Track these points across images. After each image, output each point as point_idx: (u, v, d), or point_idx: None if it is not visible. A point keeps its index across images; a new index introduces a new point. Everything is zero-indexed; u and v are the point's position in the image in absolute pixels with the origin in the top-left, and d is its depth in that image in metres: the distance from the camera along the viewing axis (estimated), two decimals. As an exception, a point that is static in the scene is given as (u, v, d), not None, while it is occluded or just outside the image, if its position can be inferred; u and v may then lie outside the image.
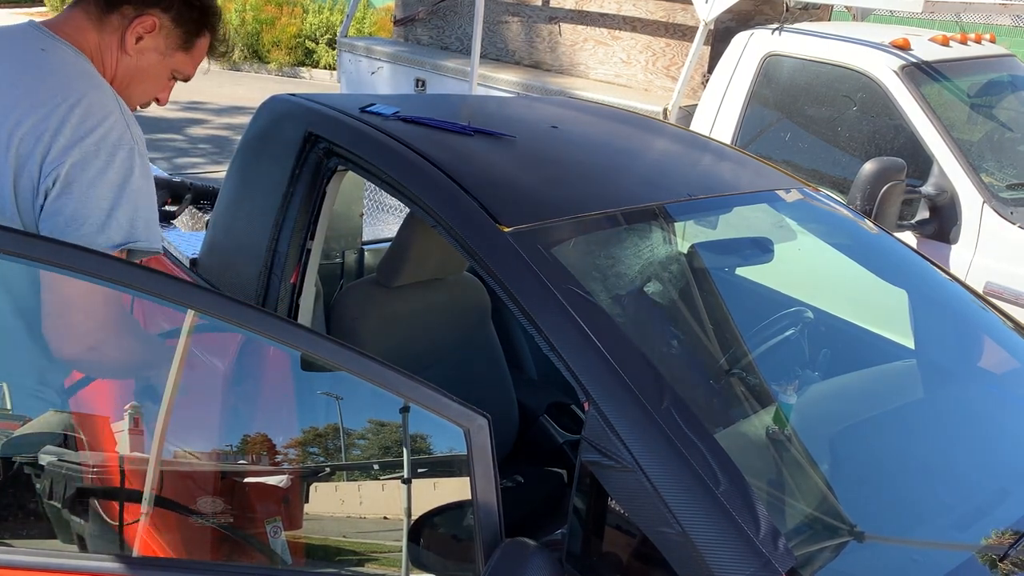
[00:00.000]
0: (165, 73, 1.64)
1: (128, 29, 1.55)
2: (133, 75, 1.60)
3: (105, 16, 1.55)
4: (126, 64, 1.58)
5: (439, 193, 1.71)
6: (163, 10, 1.57)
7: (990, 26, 9.37)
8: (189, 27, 1.61)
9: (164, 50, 1.60)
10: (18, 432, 1.38)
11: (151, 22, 1.56)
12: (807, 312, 2.13)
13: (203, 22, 1.63)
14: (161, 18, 1.57)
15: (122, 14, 1.55)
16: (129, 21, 1.55)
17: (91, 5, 1.56)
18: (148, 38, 1.57)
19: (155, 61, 1.60)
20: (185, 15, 1.60)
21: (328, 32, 12.57)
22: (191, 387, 1.40)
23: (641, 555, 1.32)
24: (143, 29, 1.56)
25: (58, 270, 1.25)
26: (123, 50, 1.56)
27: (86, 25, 1.55)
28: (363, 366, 1.26)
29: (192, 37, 1.63)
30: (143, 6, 1.55)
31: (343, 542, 1.38)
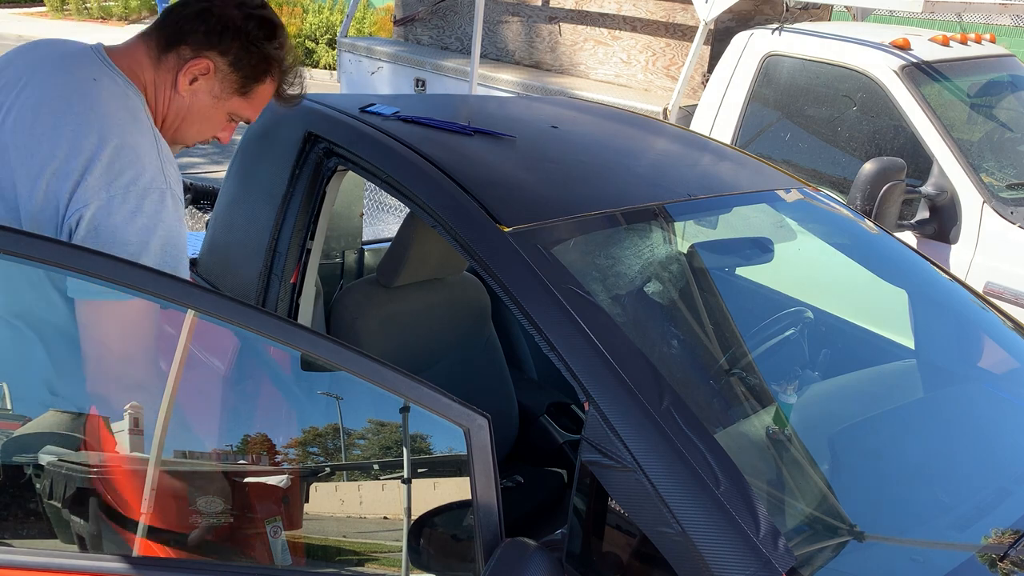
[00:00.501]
0: (221, 115, 1.61)
1: (182, 70, 1.53)
2: (185, 115, 1.57)
3: (163, 54, 1.53)
4: (178, 104, 1.56)
5: (439, 193, 1.71)
6: (220, 54, 1.53)
7: (990, 26, 9.38)
8: (246, 73, 1.57)
9: (219, 93, 1.57)
10: (18, 432, 1.38)
11: (205, 65, 1.53)
12: (807, 312, 2.13)
13: (262, 69, 1.58)
14: (217, 62, 1.54)
15: (179, 54, 1.53)
16: (184, 62, 1.53)
17: (152, 40, 1.54)
18: (202, 80, 1.54)
19: (209, 103, 1.57)
20: (243, 60, 1.55)
21: (328, 32, 12.57)
22: (191, 387, 1.40)
23: (641, 555, 1.32)
24: (197, 71, 1.53)
25: (58, 270, 1.25)
26: (175, 90, 1.54)
27: (145, 60, 1.54)
28: (363, 366, 1.26)
29: (250, 83, 1.58)
30: (200, 48, 1.53)
31: (343, 542, 1.38)
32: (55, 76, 1.48)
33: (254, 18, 1.55)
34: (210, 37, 1.52)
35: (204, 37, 1.52)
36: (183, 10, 1.55)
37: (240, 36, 1.53)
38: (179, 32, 1.53)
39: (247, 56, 1.55)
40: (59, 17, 15.40)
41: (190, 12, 1.54)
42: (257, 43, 1.55)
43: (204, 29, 1.52)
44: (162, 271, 1.29)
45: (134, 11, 15.81)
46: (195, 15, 1.53)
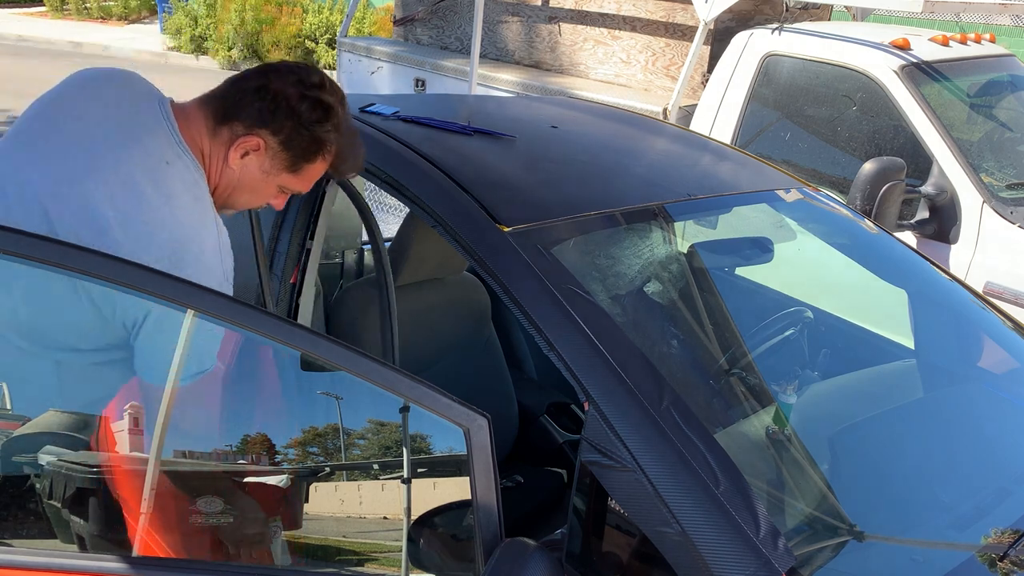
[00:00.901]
0: (271, 188, 1.62)
1: (234, 145, 1.54)
2: (236, 186, 1.59)
3: (218, 126, 1.54)
4: (229, 175, 1.57)
5: (439, 193, 1.71)
6: (272, 132, 1.54)
7: (990, 26, 9.37)
8: (297, 153, 1.57)
9: (269, 169, 1.58)
10: (18, 432, 1.38)
11: (256, 142, 1.54)
12: (807, 312, 2.13)
13: (313, 150, 1.58)
14: (268, 140, 1.54)
15: (232, 129, 1.54)
16: (236, 137, 1.54)
17: (210, 110, 1.55)
18: (253, 155, 1.56)
19: (259, 177, 1.58)
20: (294, 140, 1.56)
21: (328, 32, 12.57)
22: (191, 387, 1.40)
23: (641, 555, 1.32)
24: (248, 147, 1.54)
25: (58, 270, 1.25)
26: (226, 163, 1.56)
27: (203, 129, 1.55)
28: (363, 366, 1.26)
29: (300, 162, 1.59)
30: (253, 126, 1.53)
31: (343, 542, 1.38)
32: (131, 150, 1.47)
33: (308, 99, 1.55)
34: (263, 115, 1.53)
35: (257, 115, 1.53)
36: (243, 83, 1.56)
37: (292, 117, 1.54)
38: (235, 107, 1.54)
39: (298, 137, 1.55)
40: (59, 17, 15.39)
41: (249, 87, 1.55)
42: (308, 126, 1.55)
43: (258, 107, 1.53)
44: (162, 271, 1.29)
45: (134, 11, 15.80)
46: (253, 91, 1.54)
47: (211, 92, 1.59)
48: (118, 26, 15.22)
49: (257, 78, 1.56)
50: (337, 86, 1.64)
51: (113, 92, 1.56)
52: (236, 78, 1.59)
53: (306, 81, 1.56)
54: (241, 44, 12.74)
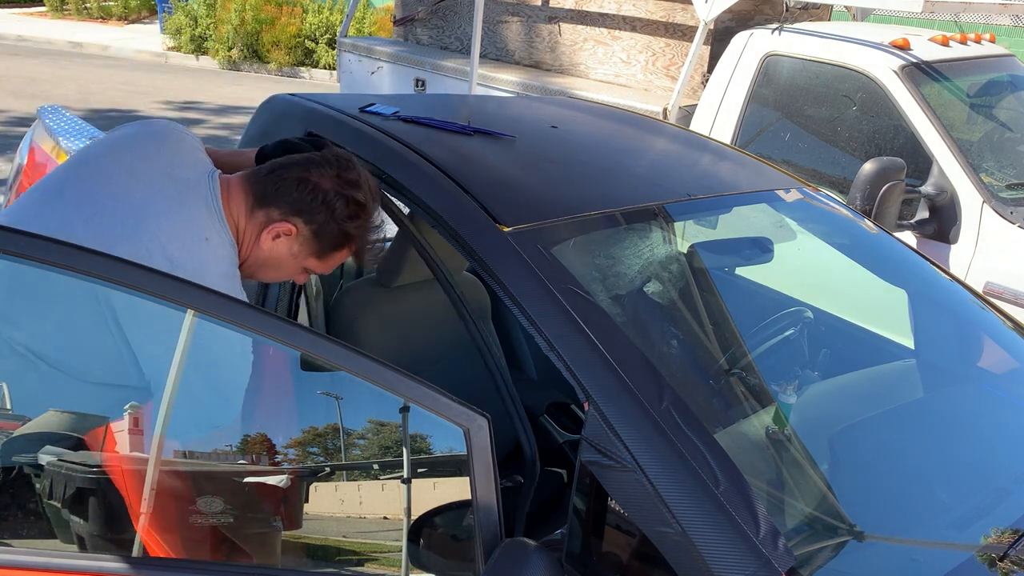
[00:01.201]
0: (296, 268, 1.69)
1: (268, 228, 1.61)
2: (263, 264, 1.66)
3: (256, 209, 1.61)
4: (258, 253, 1.64)
5: (439, 193, 1.71)
6: (305, 222, 1.61)
7: (990, 26, 9.38)
8: (325, 243, 1.65)
9: (298, 253, 1.65)
10: (18, 432, 1.38)
11: (289, 228, 1.61)
12: (807, 312, 2.13)
13: (341, 242, 1.66)
14: (301, 228, 1.62)
15: (268, 214, 1.61)
16: (272, 222, 1.61)
17: (251, 191, 1.62)
18: (284, 239, 1.62)
19: (287, 257, 1.65)
20: (325, 231, 1.63)
21: (328, 32, 12.57)
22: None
23: (641, 555, 1.32)
24: (281, 231, 1.61)
25: (58, 270, 1.25)
26: (258, 242, 1.62)
27: (242, 207, 1.61)
28: (363, 366, 1.26)
29: (327, 251, 1.66)
30: (288, 214, 1.61)
31: (343, 542, 1.38)
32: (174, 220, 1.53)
33: (343, 197, 1.63)
34: (299, 205, 1.61)
35: (295, 204, 1.61)
36: (285, 172, 1.63)
37: (327, 211, 1.61)
38: (275, 193, 1.61)
39: (329, 230, 1.63)
40: (59, 17, 15.39)
41: (290, 176, 1.62)
42: (340, 221, 1.63)
43: (296, 196, 1.61)
44: (162, 272, 1.29)
45: (134, 11, 15.80)
46: (294, 181, 1.61)
47: (254, 172, 1.66)
48: (118, 26, 15.22)
49: (299, 169, 1.63)
50: (372, 181, 1.71)
51: (166, 156, 1.63)
52: (280, 164, 1.66)
53: (344, 177, 1.64)
54: (241, 44, 12.74)
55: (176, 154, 1.65)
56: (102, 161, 1.62)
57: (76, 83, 10.44)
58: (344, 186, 1.63)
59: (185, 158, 1.66)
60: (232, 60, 12.80)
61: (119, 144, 1.67)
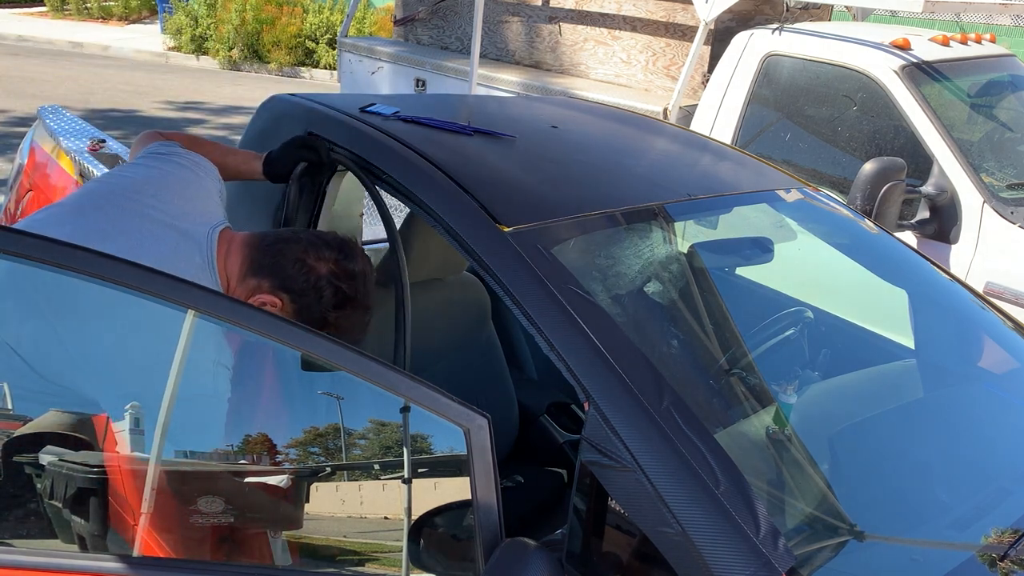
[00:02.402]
0: None
1: (255, 297, 1.65)
2: None
3: (248, 276, 1.66)
4: None
5: (439, 193, 1.71)
6: (291, 300, 1.65)
7: (990, 26, 9.38)
8: (305, 321, 1.64)
9: None
10: (18, 432, 1.38)
11: (275, 301, 1.65)
12: (807, 312, 2.13)
13: (319, 325, 1.67)
14: (286, 303, 1.65)
15: (259, 283, 1.66)
16: (260, 292, 1.65)
17: (249, 258, 1.67)
18: (268, 308, 1.64)
19: None
20: (307, 313, 1.66)
21: (328, 32, 12.57)
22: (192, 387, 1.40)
23: (641, 555, 1.32)
24: (267, 302, 1.65)
25: (58, 270, 1.25)
26: None
27: (236, 269, 1.67)
28: (363, 366, 1.26)
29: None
30: (277, 288, 1.65)
31: (343, 542, 1.38)
32: (169, 264, 1.53)
33: (333, 286, 1.66)
34: (290, 283, 1.65)
35: (284, 280, 1.65)
36: (286, 247, 1.67)
37: (314, 294, 1.65)
38: (271, 266, 1.66)
39: (310, 313, 1.66)
40: (59, 17, 15.39)
41: (290, 254, 1.66)
42: (325, 309, 1.66)
43: (291, 274, 1.65)
44: (162, 272, 1.29)
45: (134, 11, 15.80)
46: (292, 260, 1.65)
47: (257, 240, 1.70)
48: (118, 26, 15.22)
49: (300, 248, 1.67)
50: (370, 271, 1.75)
51: (179, 205, 1.70)
52: (284, 238, 1.70)
53: (342, 266, 1.68)
54: (241, 44, 12.74)
55: (189, 202, 1.72)
56: (122, 198, 1.69)
57: (76, 83, 10.44)
58: (339, 276, 1.67)
59: (197, 207, 1.72)
60: (232, 60, 12.80)
61: (144, 181, 1.74)
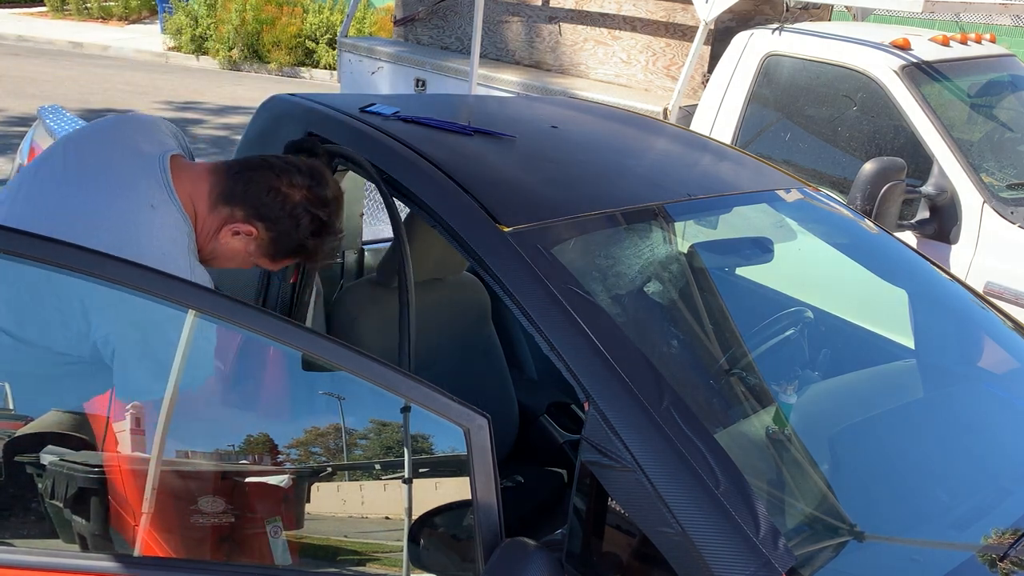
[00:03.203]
0: (247, 263, 1.73)
1: (229, 226, 1.64)
2: (219, 254, 1.68)
3: (220, 204, 1.63)
4: (214, 245, 1.66)
5: (439, 193, 1.71)
6: (267, 228, 1.64)
7: (990, 26, 9.38)
8: (281, 249, 1.68)
9: (252, 252, 1.69)
10: (19, 432, 1.38)
11: (250, 230, 1.64)
12: (807, 312, 2.13)
13: (296, 252, 1.70)
14: (261, 232, 1.65)
15: (232, 212, 1.64)
16: (234, 221, 1.64)
17: (217, 186, 1.64)
18: (242, 237, 1.66)
19: (241, 253, 1.69)
20: (284, 240, 1.66)
21: (328, 32, 12.57)
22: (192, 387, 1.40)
23: (641, 555, 1.32)
24: (242, 231, 1.65)
25: (58, 270, 1.26)
26: (217, 236, 1.65)
27: (204, 196, 1.63)
28: (363, 366, 1.27)
29: (281, 256, 1.71)
30: (252, 216, 1.63)
31: (344, 542, 1.38)
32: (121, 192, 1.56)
33: (309, 213, 1.66)
34: (265, 211, 1.63)
35: (260, 209, 1.63)
36: (256, 175, 1.65)
37: (291, 222, 1.65)
38: (243, 194, 1.63)
39: (288, 239, 1.67)
40: (59, 17, 15.39)
41: (261, 182, 1.64)
42: (303, 236, 1.67)
43: (265, 202, 1.63)
44: (162, 272, 1.29)
45: (134, 11, 15.80)
46: (264, 187, 1.63)
47: (223, 167, 1.68)
48: (118, 26, 15.22)
49: (272, 175, 1.65)
50: (340, 195, 1.74)
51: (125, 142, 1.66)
52: (253, 165, 1.67)
53: (314, 192, 1.67)
54: (241, 44, 12.74)
55: (139, 132, 1.68)
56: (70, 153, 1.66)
57: (76, 83, 10.44)
58: (313, 203, 1.66)
59: (148, 137, 1.68)
60: (232, 60, 12.80)
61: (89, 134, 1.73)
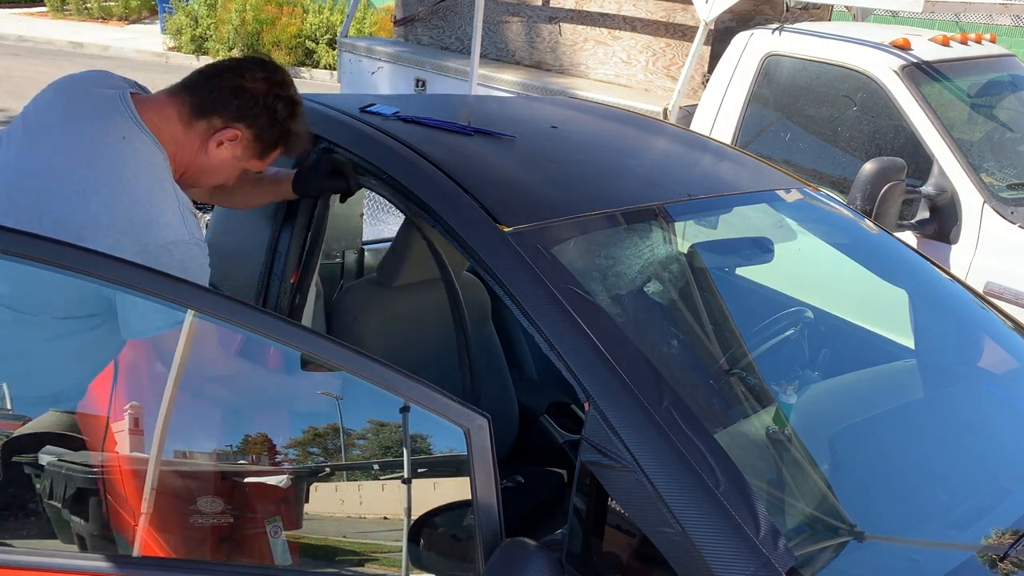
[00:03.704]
0: (236, 171, 1.77)
1: (213, 137, 1.67)
2: (206, 170, 1.72)
3: (194, 120, 1.66)
4: (202, 161, 1.69)
5: (439, 193, 1.71)
6: (247, 126, 1.68)
7: (990, 26, 9.37)
8: (267, 143, 1.73)
9: (240, 156, 1.72)
10: (18, 432, 1.38)
11: (234, 134, 1.68)
12: (807, 312, 2.13)
13: (280, 139, 1.73)
14: (244, 132, 1.68)
15: (210, 123, 1.67)
16: (215, 130, 1.67)
17: (185, 105, 1.66)
18: (228, 145, 1.69)
19: (230, 162, 1.72)
20: (267, 132, 1.71)
21: (328, 32, 12.56)
22: (191, 387, 1.40)
23: (641, 555, 1.32)
24: (226, 138, 1.68)
25: (58, 270, 1.25)
26: (203, 151, 1.68)
27: (174, 119, 1.66)
28: (363, 366, 1.26)
29: (269, 150, 1.75)
30: (230, 120, 1.67)
31: (343, 542, 1.38)
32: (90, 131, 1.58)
33: (280, 98, 1.70)
34: (241, 111, 1.67)
35: (236, 111, 1.67)
36: (216, 81, 1.68)
37: (267, 113, 1.69)
38: (213, 104, 1.66)
39: (271, 130, 1.71)
40: (59, 17, 15.39)
41: (224, 86, 1.67)
42: (282, 121, 1.71)
43: (237, 104, 1.67)
44: (162, 272, 1.29)
45: (134, 11, 15.79)
46: (230, 90, 1.67)
47: (181, 86, 1.70)
48: (118, 26, 15.22)
49: (232, 77, 1.68)
50: (288, 74, 1.79)
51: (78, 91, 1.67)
52: (208, 75, 1.70)
53: (273, 79, 1.72)
54: (241, 44, 12.73)
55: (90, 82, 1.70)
56: (28, 117, 1.66)
57: (76, 83, 10.42)
58: (277, 87, 1.71)
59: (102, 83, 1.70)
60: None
61: (44, 95, 1.71)
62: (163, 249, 1.51)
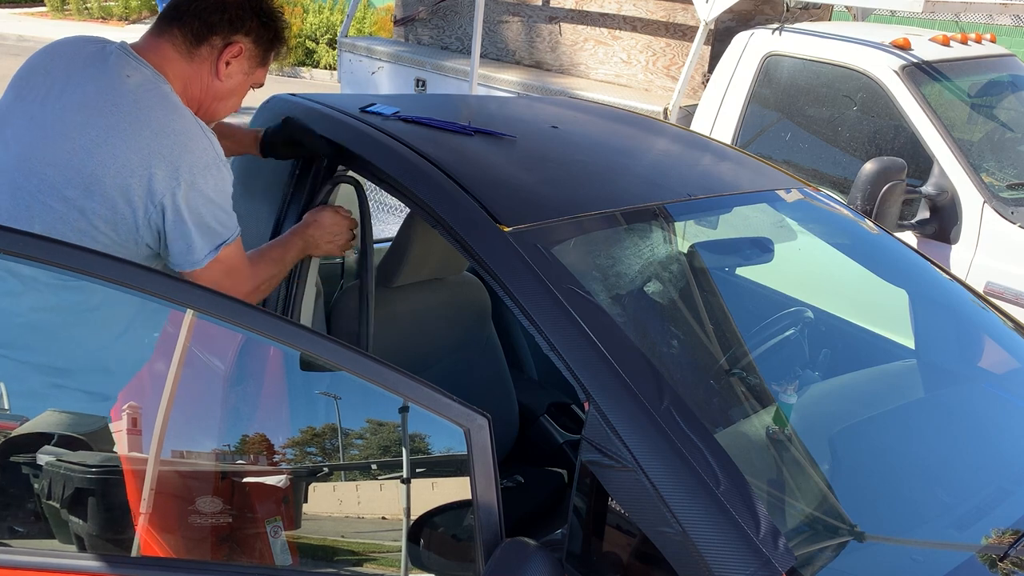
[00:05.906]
0: (246, 90, 1.81)
1: (220, 58, 1.70)
2: (221, 97, 1.75)
3: (195, 48, 1.69)
4: (216, 87, 1.73)
5: (439, 193, 1.71)
6: (244, 35, 1.72)
7: (990, 26, 9.36)
8: (266, 45, 1.77)
9: (248, 69, 1.76)
10: (17, 432, 1.38)
11: (237, 48, 1.71)
12: (807, 312, 2.13)
13: (274, 37, 1.78)
14: (244, 42, 1.72)
15: (211, 45, 1.69)
16: (219, 51, 1.70)
17: (178, 38, 1.68)
18: (235, 62, 1.72)
19: (241, 80, 1.76)
20: (262, 35, 1.75)
21: (328, 32, 12.56)
22: (191, 387, 1.40)
23: (641, 555, 1.32)
24: (231, 55, 1.71)
25: (58, 270, 1.25)
26: (216, 76, 1.71)
27: (174, 55, 1.68)
28: (363, 366, 1.26)
29: (268, 53, 1.79)
30: (228, 35, 1.70)
31: (343, 542, 1.38)
32: (92, 80, 1.60)
33: (260, 3, 1.74)
34: (233, 23, 1.70)
35: (229, 25, 1.69)
36: (197, 4, 1.69)
37: (255, 16, 1.72)
38: (205, 26, 1.68)
39: (265, 31, 1.75)
40: (60, 17, 15.39)
41: (207, 6, 1.68)
42: (271, 19, 1.75)
43: (227, 18, 1.69)
44: (162, 272, 1.29)
45: (134, 11, 15.79)
46: (214, 8, 1.68)
47: (166, 23, 1.71)
48: (118, 26, 15.21)
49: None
50: None
51: (71, 53, 1.68)
52: (185, 4, 1.70)
53: None
54: (241, 44, 12.72)
55: (78, 44, 1.71)
56: (21, 83, 1.68)
57: (77, 83, 10.42)
58: None
59: (89, 41, 1.71)
60: (232, 60, 12.79)
61: (36, 61, 1.72)
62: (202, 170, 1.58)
